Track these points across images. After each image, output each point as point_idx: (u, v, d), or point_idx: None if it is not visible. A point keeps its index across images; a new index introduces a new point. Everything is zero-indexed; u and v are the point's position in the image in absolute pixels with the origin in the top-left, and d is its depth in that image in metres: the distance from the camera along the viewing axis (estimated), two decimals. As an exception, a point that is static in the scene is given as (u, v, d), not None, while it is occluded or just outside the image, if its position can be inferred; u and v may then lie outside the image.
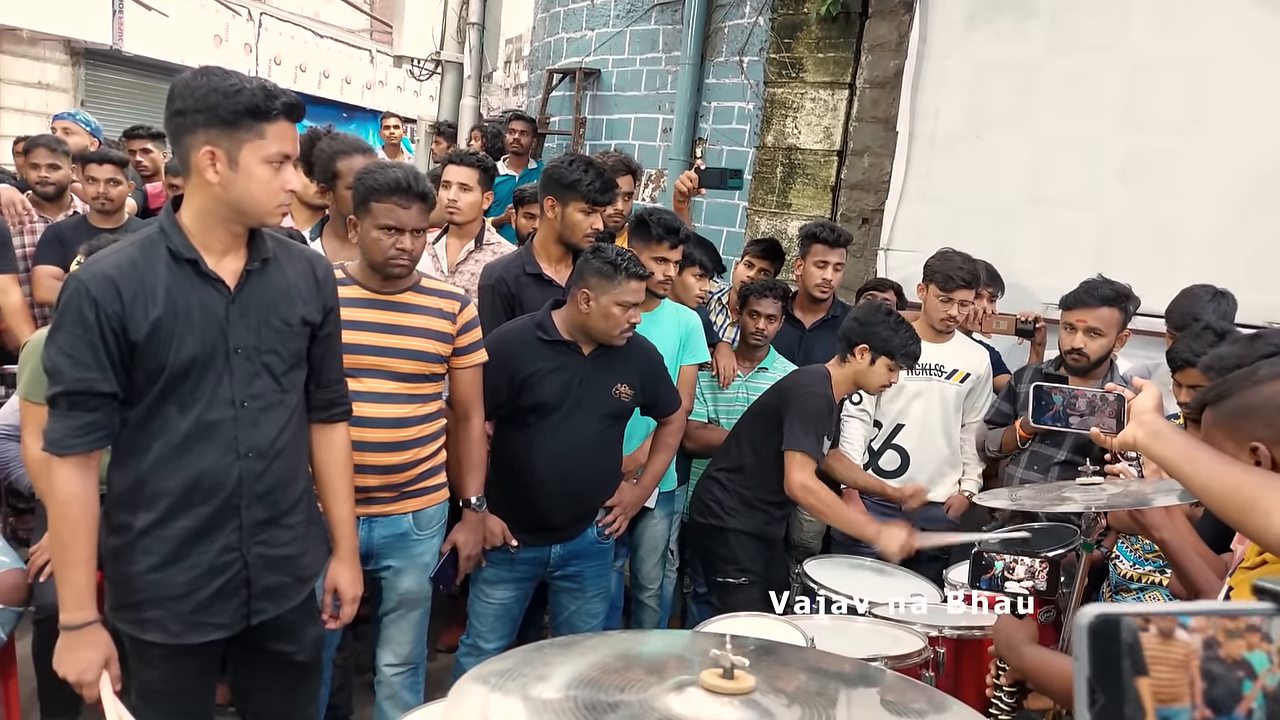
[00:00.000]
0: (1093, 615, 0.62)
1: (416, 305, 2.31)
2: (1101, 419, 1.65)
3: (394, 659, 2.46)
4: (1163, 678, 0.61)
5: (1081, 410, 1.71)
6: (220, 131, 1.62)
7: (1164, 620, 0.62)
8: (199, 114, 1.62)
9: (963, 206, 4.25)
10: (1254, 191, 3.50)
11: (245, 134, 1.63)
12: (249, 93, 1.62)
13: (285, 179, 1.69)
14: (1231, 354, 1.90)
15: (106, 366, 1.62)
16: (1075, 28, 3.95)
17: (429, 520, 2.40)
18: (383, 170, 2.25)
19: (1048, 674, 1.66)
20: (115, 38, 10.47)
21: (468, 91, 7.49)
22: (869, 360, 2.75)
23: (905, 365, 2.79)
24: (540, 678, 0.96)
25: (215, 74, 1.65)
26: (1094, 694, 0.61)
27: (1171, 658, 0.62)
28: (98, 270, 1.63)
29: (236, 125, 1.62)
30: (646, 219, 2.89)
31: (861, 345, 2.75)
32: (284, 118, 1.67)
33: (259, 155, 1.64)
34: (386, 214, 2.20)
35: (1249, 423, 1.37)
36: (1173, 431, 1.39)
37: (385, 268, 2.24)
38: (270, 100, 1.64)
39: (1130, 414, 1.47)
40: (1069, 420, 1.72)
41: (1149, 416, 1.43)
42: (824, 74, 4.89)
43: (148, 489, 1.71)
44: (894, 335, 2.73)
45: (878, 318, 2.77)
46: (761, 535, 2.91)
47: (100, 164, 3.78)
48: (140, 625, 1.75)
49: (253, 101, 1.62)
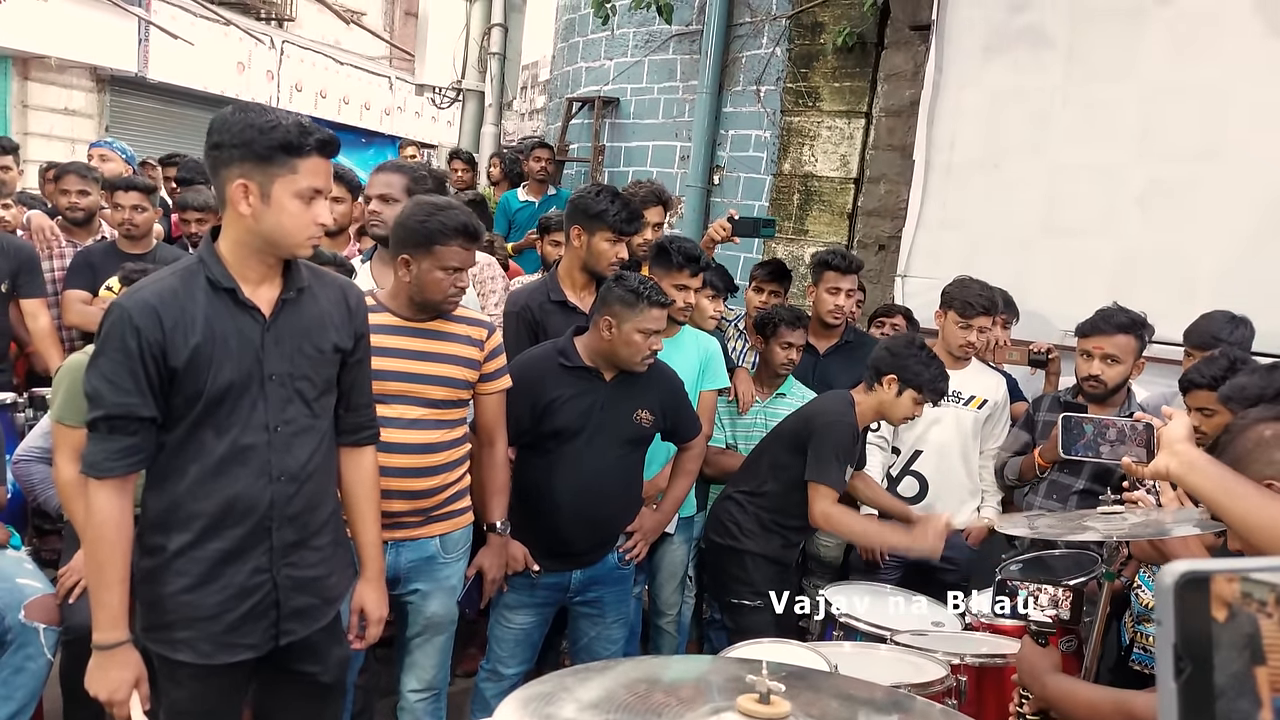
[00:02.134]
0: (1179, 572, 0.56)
1: (447, 333, 2.35)
2: (1131, 448, 1.65)
3: (418, 684, 2.47)
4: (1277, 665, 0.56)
5: (1112, 439, 1.71)
6: (254, 166, 1.68)
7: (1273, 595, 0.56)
8: (235, 149, 1.68)
9: (979, 234, 4.28)
10: (1270, 220, 3.51)
11: (278, 169, 1.68)
12: (284, 129, 1.68)
13: (316, 213, 1.74)
14: (1252, 384, 1.92)
15: (146, 392, 1.66)
16: (1091, 57, 3.99)
17: (455, 544, 2.43)
18: (445, 213, 2.28)
19: (1072, 703, 1.66)
20: (140, 65, 10.67)
21: (488, 119, 7.59)
22: (896, 391, 2.74)
23: (932, 400, 2.79)
24: (577, 702, 0.98)
25: (253, 110, 1.71)
26: (1180, 662, 0.55)
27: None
28: (140, 299, 1.68)
29: (270, 160, 1.68)
30: (667, 247, 2.93)
31: (890, 376, 2.75)
32: (317, 154, 1.72)
33: (290, 189, 1.70)
34: (452, 256, 2.26)
35: (1255, 464, 1.38)
36: (1208, 463, 1.38)
37: (443, 305, 2.31)
38: (304, 137, 1.70)
39: (1160, 443, 1.47)
40: (1099, 450, 1.72)
41: (1181, 446, 1.42)
42: (840, 103, 4.95)
43: (183, 511, 1.74)
44: (924, 370, 2.72)
45: (910, 351, 2.76)
46: (778, 559, 2.91)
47: (126, 191, 3.85)
48: (171, 645, 1.78)
49: (286, 138, 1.68)
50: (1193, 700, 0.56)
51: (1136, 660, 2.51)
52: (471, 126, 7.80)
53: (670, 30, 5.60)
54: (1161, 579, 0.57)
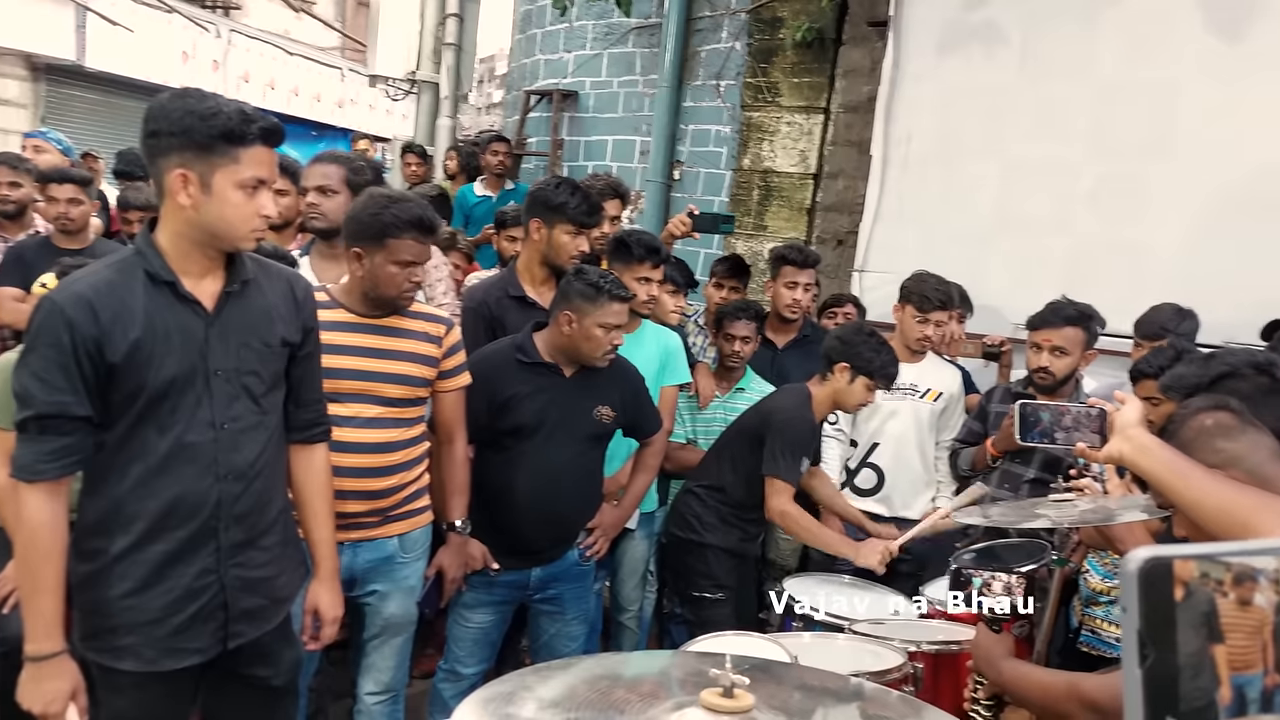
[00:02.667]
0: (1143, 559, 0.56)
1: (404, 329, 2.30)
2: (1086, 434, 1.66)
3: (375, 686, 2.42)
4: (1238, 645, 0.57)
5: (1067, 426, 1.73)
6: (194, 155, 1.62)
7: (1241, 584, 0.57)
8: (173, 137, 1.61)
9: (935, 229, 4.32)
10: (1217, 216, 3.60)
11: (219, 158, 1.63)
12: (225, 116, 1.62)
13: (260, 204, 1.68)
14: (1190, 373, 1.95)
15: (80, 390, 1.60)
16: (1045, 54, 4.05)
17: (414, 543, 2.39)
18: (398, 205, 2.24)
19: (1025, 687, 1.68)
20: (78, 53, 10.30)
21: (444, 111, 7.49)
22: (849, 379, 2.79)
23: (883, 386, 2.83)
24: (539, 700, 0.96)
25: (193, 96, 1.64)
26: (1144, 648, 0.56)
27: (1248, 623, 0.57)
28: (74, 291, 1.62)
29: (210, 149, 1.62)
30: (626, 240, 2.92)
31: (842, 364, 2.79)
32: (260, 143, 1.66)
33: (232, 180, 1.64)
34: (406, 249, 2.20)
35: (1195, 455, 1.40)
36: (1160, 446, 1.40)
37: (398, 301, 2.25)
38: (246, 125, 1.64)
39: (1113, 428, 1.49)
40: (1055, 436, 1.74)
41: (1134, 431, 1.44)
42: (799, 98, 4.96)
43: (124, 513, 1.68)
44: (875, 356, 2.77)
45: (860, 338, 2.82)
46: (737, 552, 2.94)
47: (61, 183, 3.70)
48: (113, 653, 1.72)
49: (228, 126, 1.62)
50: (1157, 685, 0.56)
51: (1084, 642, 2.57)
52: (426, 119, 7.70)
53: (630, 23, 5.57)
54: (1125, 566, 0.57)
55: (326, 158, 2.87)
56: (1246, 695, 0.57)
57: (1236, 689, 0.57)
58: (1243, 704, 0.57)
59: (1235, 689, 0.57)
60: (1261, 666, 0.58)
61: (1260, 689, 0.58)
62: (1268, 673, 0.58)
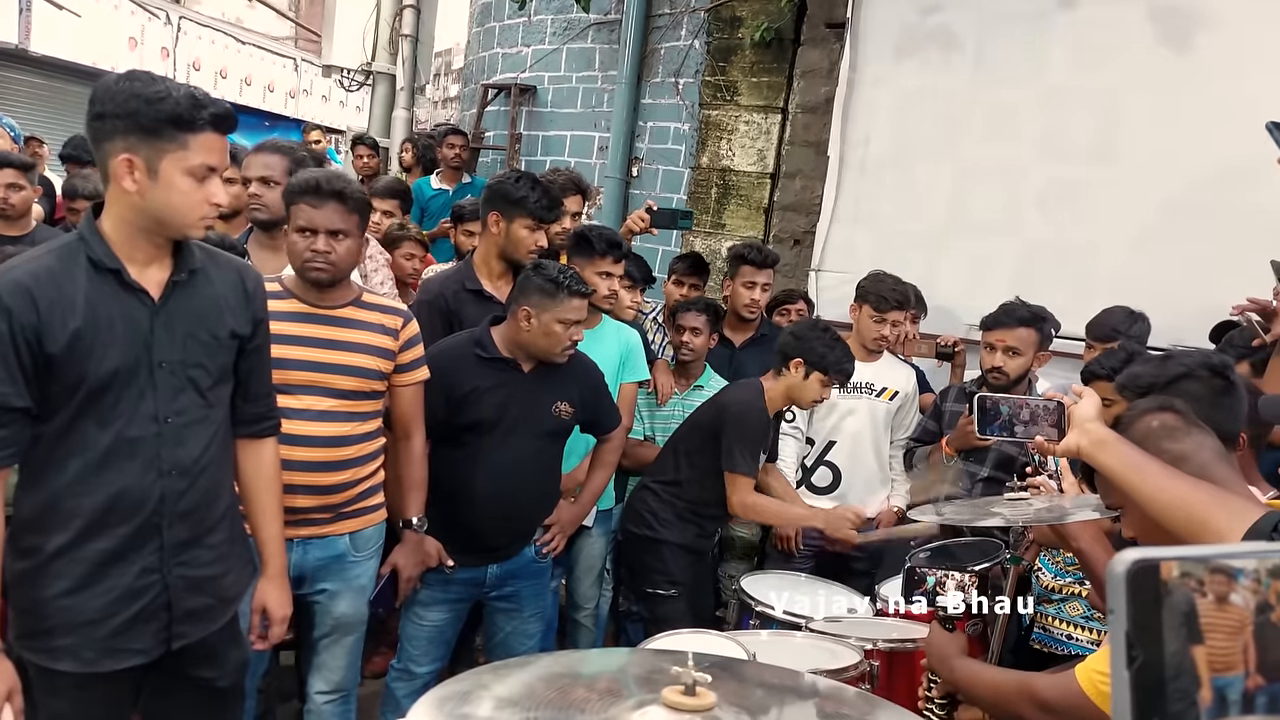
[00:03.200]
0: (1130, 561, 0.56)
1: (357, 320, 2.25)
2: (1044, 428, 1.67)
3: (326, 686, 2.37)
4: (1218, 646, 0.57)
5: (1025, 419, 1.73)
6: (140, 140, 1.56)
7: (1219, 583, 0.57)
8: (119, 120, 1.56)
9: (891, 230, 4.38)
10: (1161, 221, 3.69)
11: (167, 144, 1.57)
12: (173, 101, 1.57)
13: (210, 192, 1.63)
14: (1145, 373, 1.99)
15: (19, 380, 1.54)
16: (998, 60, 4.12)
17: (367, 541, 2.34)
18: (300, 174, 2.22)
19: (978, 686, 1.70)
20: (21, 36, 9.97)
21: (400, 103, 7.40)
22: (803, 375, 2.80)
23: (838, 382, 2.84)
24: (496, 699, 0.94)
25: (140, 79, 1.59)
26: (1132, 650, 0.56)
27: (1228, 624, 0.57)
28: (12, 278, 1.55)
29: (158, 134, 1.57)
30: (587, 235, 2.90)
31: (796, 360, 2.80)
32: (211, 129, 1.61)
33: (180, 166, 1.59)
34: (300, 215, 2.16)
35: (1151, 450, 1.42)
36: (1118, 441, 1.41)
37: (303, 272, 2.19)
38: (196, 110, 1.59)
39: (1071, 422, 1.50)
40: (1014, 430, 1.74)
41: (1092, 425, 1.44)
42: (758, 98, 4.99)
43: (62, 509, 1.62)
44: (829, 351, 2.78)
45: (814, 334, 2.83)
46: (693, 548, 2.94)
47: (1, 168, 3.59)
48: (50, 654, 1.65)
49: (176, 110, 1.57)
50: (1145, 687, 0.56)
51: (1036, 639, 2.61)
52: (382, 111, 7.60)
53: (589, 19, 5.55)
54: (1112, 568, 0.57)
55: (269, 147, 2.82)
56: (1228, 697, 0.58)
57: (1217, 690, 0.57)
58: (1224, 705, 0.57)
59: (1216, 690, 0.57)
60: (1242, 668, 0.58)
61: (1241, 690, 0.58)
62: (1249, 674, 0.58)
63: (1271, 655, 0.58)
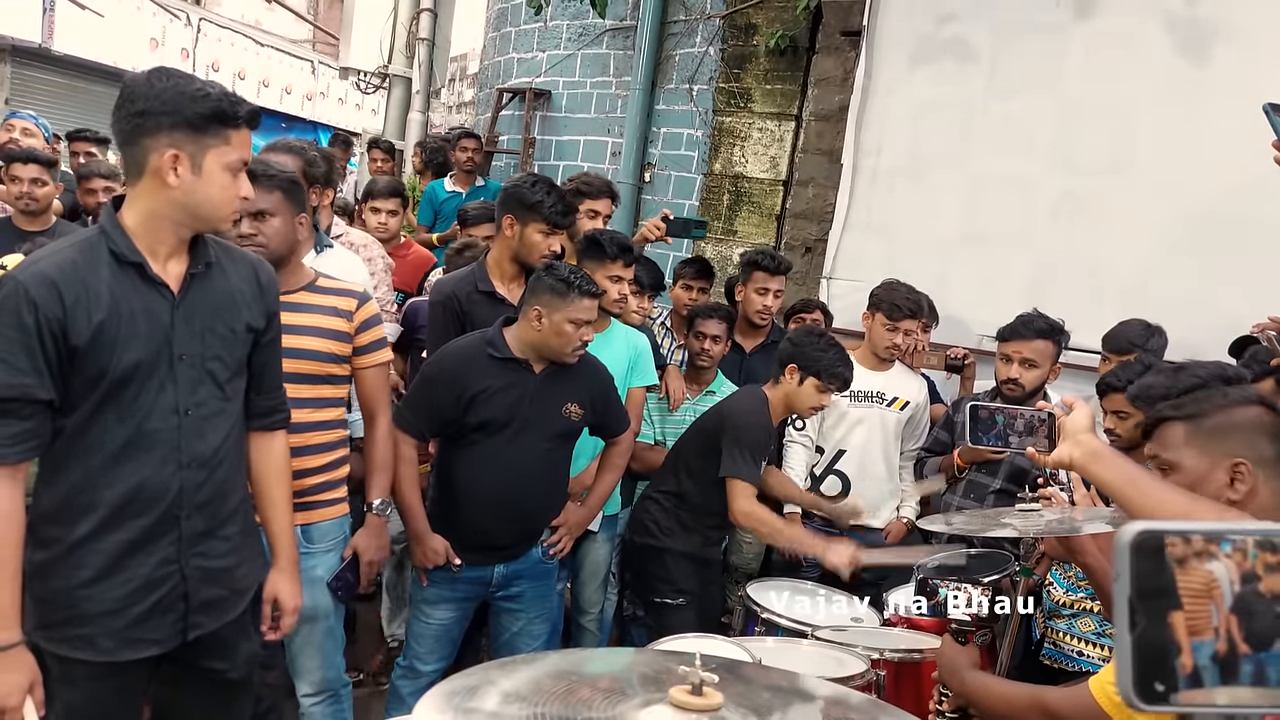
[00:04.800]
0: (1136, 531, 0.60)
1: (309, 304, 2.23)
2: (1037, 439, 1.66)
3: (310, 688, 2.36)
4: (1193, 610, 0.60)
5: (1019, 430, 1.72)
6: (186, 135, 1.60)
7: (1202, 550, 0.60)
8: (164, 116, 1.59)
9: (902, 239, 4.37)
10: (1178, 233, 3.68)
11: (211, 139, 1.62)
12: (216, 98, 1.62)
13: (242, 186, 1.68)
14: (1159, 384, 1.97)
15: (44, 372, 1.55)
16: (1013, 71, 4.12)
17: (323, 535, 2.30)
18: None
19: (989, 699, 1.69)
20: (45, 36, 10.07)
21: (415, 106, 7.44)
22: (798, 380, 2.78)
23: (833, 387, 2.81)
24: (502, 694, 0.94)
25: (177, 76, 1.63)
26: (1134, 615, 0.59)
27: (1194, 587, 0.60)
28: (37, 271, 1.57)
29: (203, 130, 1.61)
30: (599, 238, 2.90)
31: (791, 365, 2.79)
32: (246, 125, 1.67)
33: (222, 161, 1.63)
34: None
35: (1230, 441, 1.38)
36: (1113, 454, 1.39)
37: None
38: (236, 107, 1.64)
39: (1063, 433, 1.47)
40: (1009, 440, 1.73)
41: (1085, 436, 1.42)
42: (771, 105, 5.00)
43: (82, 500, 1.63)
44: (822, 356, 2.76)
45: (809, 340, 2.82)
46: (698, 557, 2.92)
47: (25, 163, 3.64)
48: (70, 643, 1.67)
49: (219, 107, 1.62)
50: (1147, 651, 0.59)
51: (1046, 655, 2.59)
52: (397, 113, 7.64)
53: (604, 24, 5.57)
54: (1119, 538, 0.60)
55: (281, 147, 2.84)
56: (1203, 663, 0.60)
57: (1196, 656, 0.60)
58: (1200, 673, 0.60)
59: (1195, 656, 0.60)
60: (1213, 633, 0.60)
61: (1220, 656, 0.60)
62: (1225, 639, 0.60)
63: (1257, 625, 0.60)
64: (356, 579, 2.36)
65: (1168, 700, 0.59)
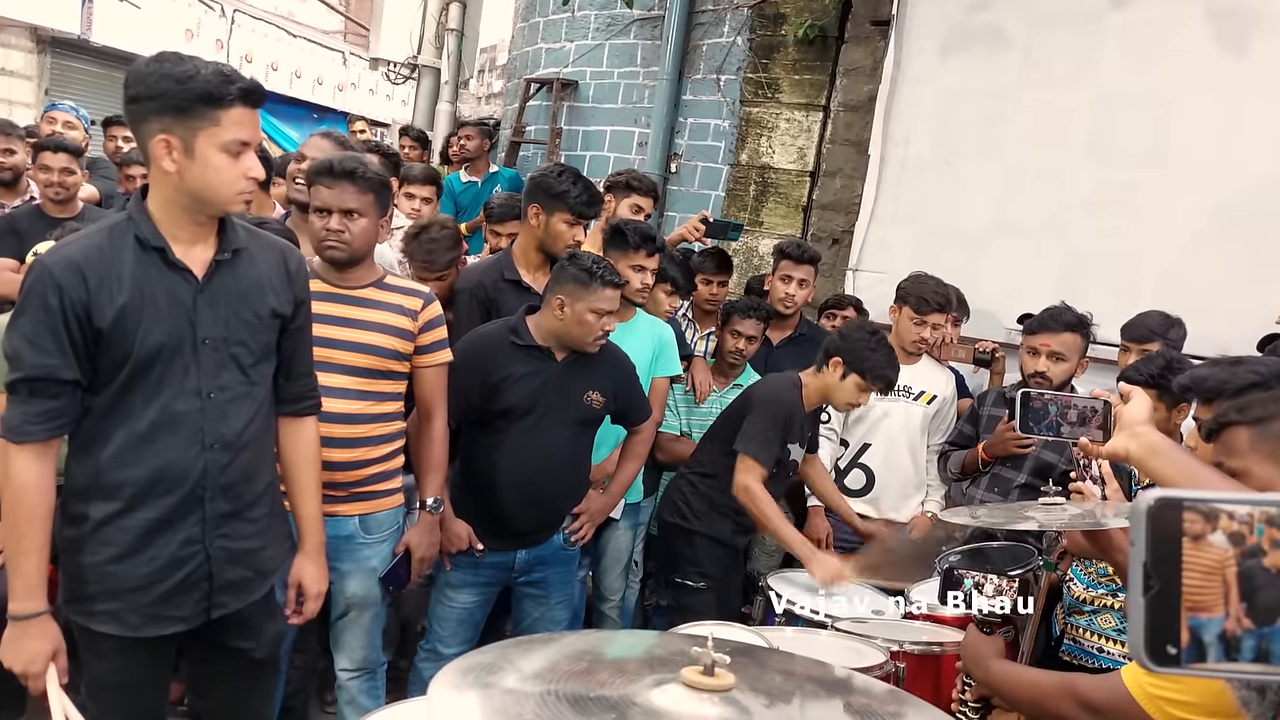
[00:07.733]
0: (1153, 498, 0.61)
1: (377, 301, 2.28)
2: (1090, 429, 1.61)
3: (349, 664, 2.41)
4: (1194, 584, 0.60)
5: (1072, 420, 1.67)
6: (174, 119, 1.60)
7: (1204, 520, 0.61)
8: (152, 101, 1.60)
9: (931, 231, 4.33)
10: (1213, 227, 3.61)
11: (200, 121, 1.60)
12: (202, 79, 1.60)
13: (246, 166, 1.66)
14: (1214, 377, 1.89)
15: (69, 353, 1.59)
16: (1046, 60, 4.06)
17: (379, 525, 2.35)
18: (320, 156, 2.29)
19: (1016, 687, 1.67)
20: (84, 27, 10.25)
21: (444, 97, 7.47)
22: (840, 375, 2.76)
23: (875, 387, 2.78)
24: (520, 672, 0.95)
25: (169, 60, 1.62)
26: (1149, 579, 0.60)
27: (1203, 563, 0.61)
28: (63, 255, 1.61)
29: (190, 113, 1.60)
30: (623, 228, 2.91)
31: (836, 359, 2.77)
32: (240, 103, 1.64)
33: (214, 143, 1.62)
34: (316, 196, 2.22)
35: None
36: (1171, 448, 1.34)
37: (320, 251, 2.24)
38: (225, 86, 1.61)
39: (1119, 423, 1.43)
40: (1060, 430, 1.68)
41: (1143, 429, 1.36)
42: (799, 95, 4.96)
43: (109, 479, 1.67)
44: (871, 355, 2.72)
45: (860, 336, 2.78)
46: (726, 542, 2.93)
47: (55, 152, 3.71)
48: (96, 618, 1.71)
49: (205, 88, 1.59)
50: (1159, 614, 0.61)
51: (1066, 651, 2.56)
52: (426, 104, 7.68)
53: (632, 14, 5.56)
54: (1136, 505, 0.61)
55: (322, 135, 2.92)
56: (1204, 638, 0.61)
57: (1193, 630, 0.61)
58: (1201, 646, 0.61)
59: (1192, 630, 0.61)
60: (1222, 610, 0.61)
61: (1221, 632, 0.61)
62: (1231, 617, 0.61)
63: (1260, 599, 0.60)
64: (408, 574, 2.41)
65: (1179, 663, 0.60)
